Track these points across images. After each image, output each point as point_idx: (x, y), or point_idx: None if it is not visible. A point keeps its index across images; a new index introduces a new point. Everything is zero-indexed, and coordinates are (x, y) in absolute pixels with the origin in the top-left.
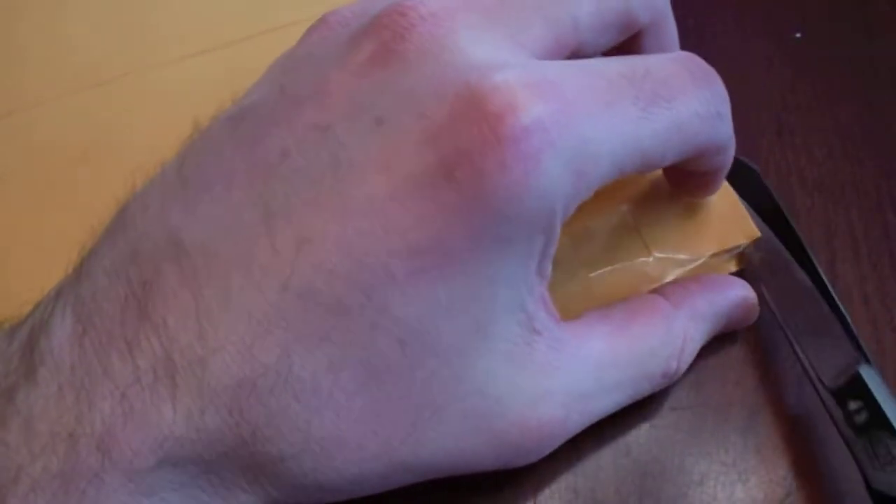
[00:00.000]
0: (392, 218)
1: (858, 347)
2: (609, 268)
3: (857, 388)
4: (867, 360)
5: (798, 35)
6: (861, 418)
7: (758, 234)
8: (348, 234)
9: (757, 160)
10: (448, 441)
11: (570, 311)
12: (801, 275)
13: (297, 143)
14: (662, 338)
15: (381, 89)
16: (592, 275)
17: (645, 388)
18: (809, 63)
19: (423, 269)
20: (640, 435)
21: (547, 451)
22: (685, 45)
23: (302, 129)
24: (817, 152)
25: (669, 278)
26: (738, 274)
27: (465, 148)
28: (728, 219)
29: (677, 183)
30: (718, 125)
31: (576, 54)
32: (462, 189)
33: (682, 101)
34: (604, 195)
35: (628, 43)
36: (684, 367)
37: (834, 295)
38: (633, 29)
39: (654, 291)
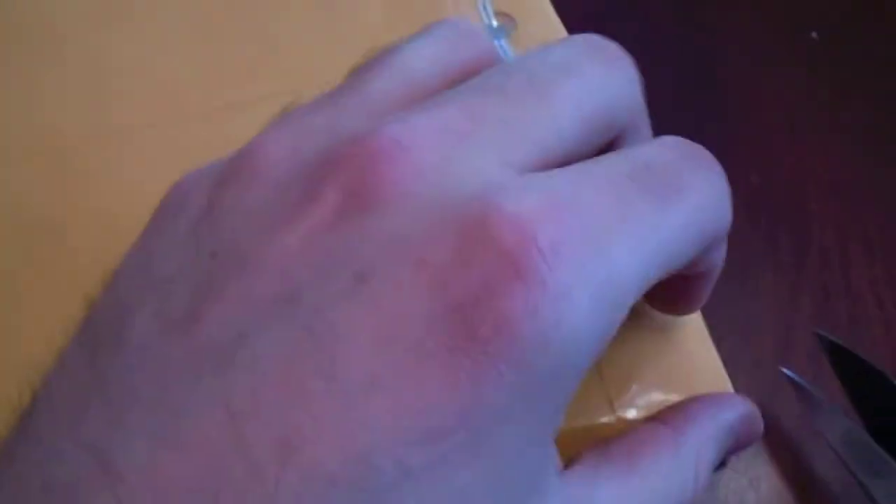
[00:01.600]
0: (404, 398)
1: None
2: (568, 427)
3: None
4: None
5: (814, 34)
6: None
7: (730, 387)
8: (347, 428)
9: (770, 160)
10: None
11: None
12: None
13: (257, 320)
14: (673, 469)
15: (357, 239)
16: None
17: None
18: (824, 62)
19: (444, 457)
20: None
21: None
22: (701, 44)
23: (259, 303)
24: (832, 153)
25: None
26: None
27: (484, 295)
28: (701, 365)
29: (656, 297)
30: (726, 207)
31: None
32: (489, 346)
33: (691, 186)
34: None
35: (607, 146)
36: (702, 491)
37: None
38: (614, 131)
39: (651, 418)
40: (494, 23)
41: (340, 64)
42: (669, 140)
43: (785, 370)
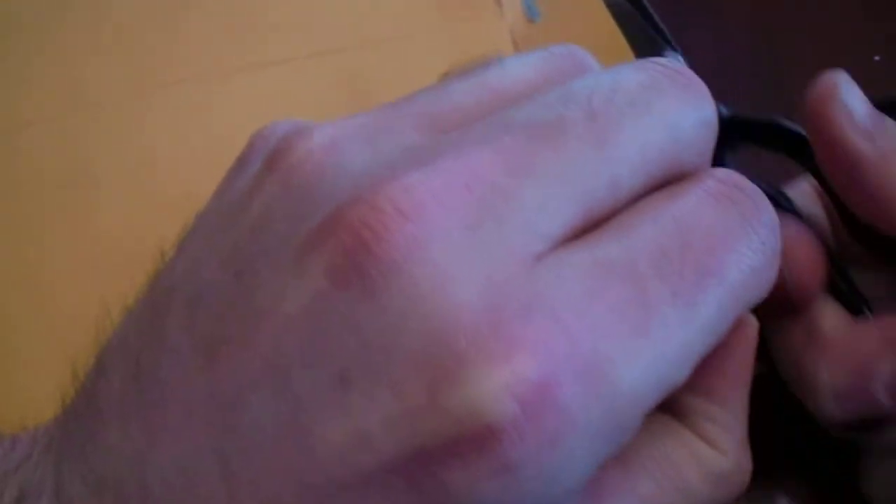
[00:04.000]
0: (371, 502)
1: None
2: None
3: None
4: None
5: (877, 58)
6: None
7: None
8: None
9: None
10: None
11: None
12: None
13: (253, 384)
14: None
15: (344, 327)
16: None
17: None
18: (889, 86)
19: None
20: None
21: None
22: (762, 70)
23: (258, 364)
24: None
25: None
26: None
27: (449, 445)
28: None
29: None
30: (774, 269)
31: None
32: (450, 492)
33: (733, 261)
34: None
35: None
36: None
37: None
38: (674, 178)
39: None
40: None
41: (368, 26)
42: (717, 184)
43: None
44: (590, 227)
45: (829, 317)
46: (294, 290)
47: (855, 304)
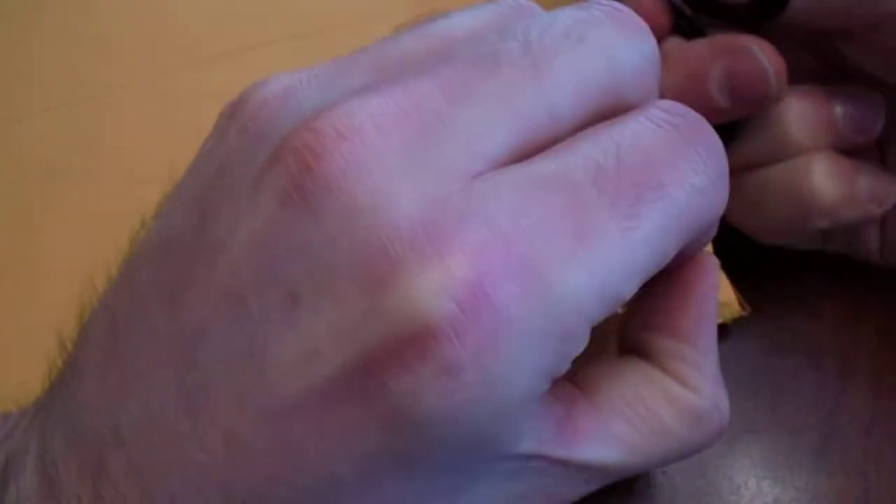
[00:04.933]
0: (327, 423)
1: None
2: None
3: None
4: None
5: None
6: None
7: (742, 312)
8: (281, 438)
9: None
10: None
11: None
12: None
13: (212, 315)
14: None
15: (292, 247)
16: None
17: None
18: None
19: (374, 473)
20: (716, 457)
21: None
22: None
23: (216, 295)
24: None
25: None
26: None
27: (390, 349)
28: None
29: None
30: (720, 192)
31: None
32: (395, 398)
33: (675, 180)
34: None
35: None
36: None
37: None
38: (618, 111)
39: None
40: None
41: (354, 9)
42: (659, 112)
43: None
44: (532, 153)
45: (671, 41)
46: (248, 220)
47: (694, 35)
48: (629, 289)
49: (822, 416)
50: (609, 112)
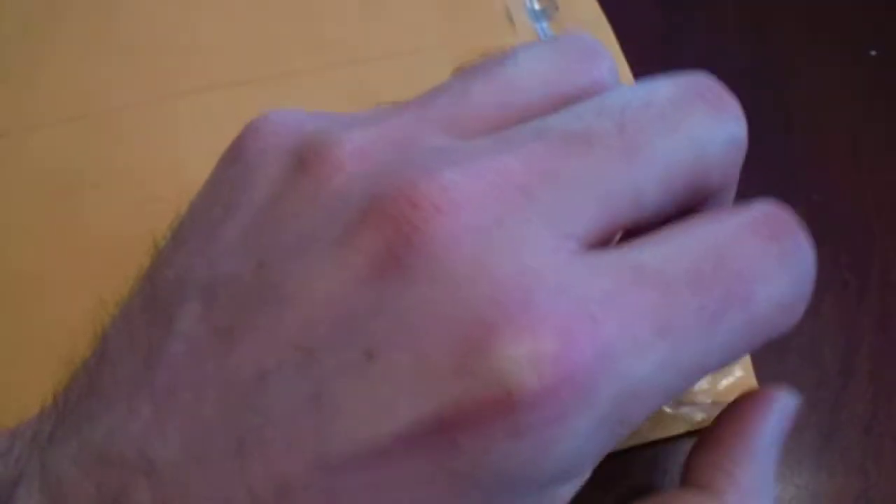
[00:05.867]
0: (385, 477)
1: None
2: None
3: None
4: None
5: (873, 52)
6: None
7: (756, 386)
8: (336, 488)
9: (828, 183)
10: None
11: None
12: None
13: (277, 364)
14: None
15: (376, 309)
16: None
17: None
18: (885, 81)
19: None
20: None
21: None
22: (753, 62)
23: (283, 345)
24: (893, 176)
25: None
26: None
27: (469, 409)
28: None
29: None
30: (802, 307)
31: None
32: (464, 456)
33: (764, 295)
34: None
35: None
36: None
37: None
38: (701, 196)
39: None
40: (537, 6)
41: (380, 40)
42: (761, 214)
43: None
44: (612, 234)
45: None
46: (328, 278)
47: None
48: (688, 386)
49: (823, 414)
50: (691, 194)
